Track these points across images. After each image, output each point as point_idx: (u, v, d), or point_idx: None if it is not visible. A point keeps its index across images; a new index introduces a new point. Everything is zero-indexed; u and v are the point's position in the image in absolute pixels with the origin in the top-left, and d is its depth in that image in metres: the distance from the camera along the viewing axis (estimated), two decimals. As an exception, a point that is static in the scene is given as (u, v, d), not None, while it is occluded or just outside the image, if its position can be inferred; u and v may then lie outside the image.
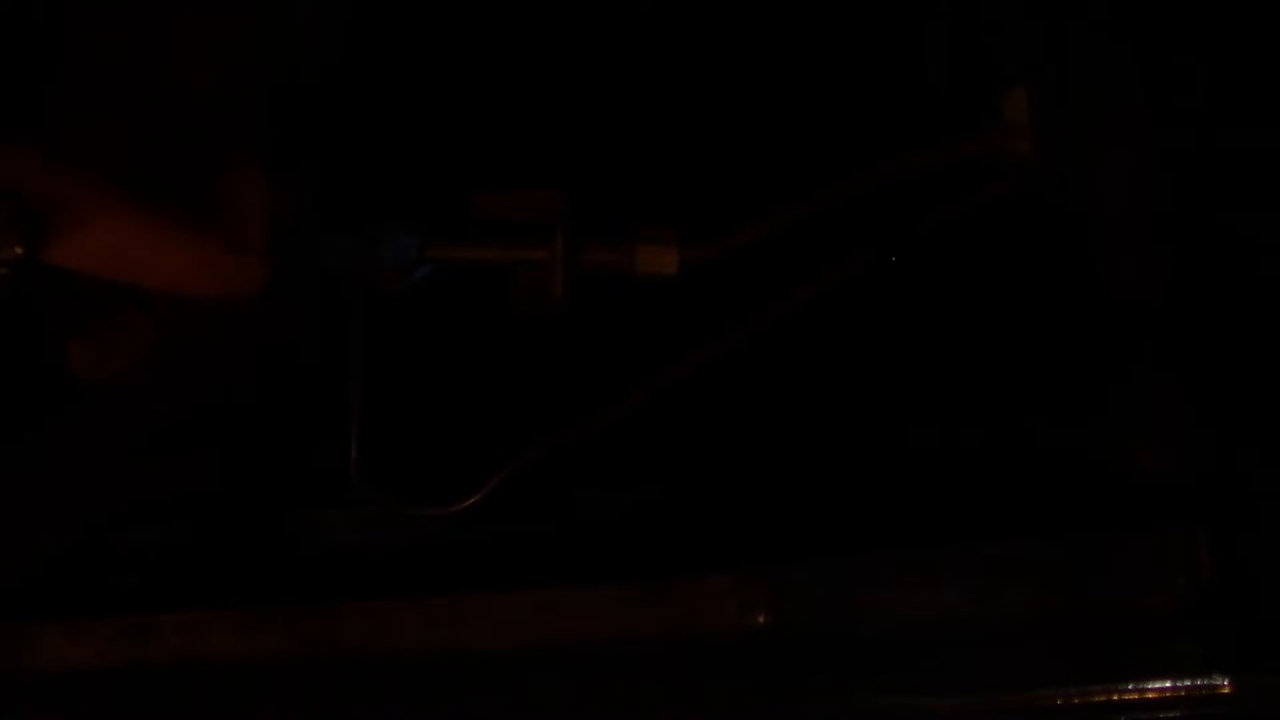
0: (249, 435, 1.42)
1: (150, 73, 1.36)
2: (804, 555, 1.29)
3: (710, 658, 1.28)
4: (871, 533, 1.32)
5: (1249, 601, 1.26)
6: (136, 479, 1.41)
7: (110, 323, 1.32)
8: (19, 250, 1.21)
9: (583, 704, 1.29)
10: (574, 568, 1.33)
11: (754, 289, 1.40)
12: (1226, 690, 1.24)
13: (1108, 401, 1.34)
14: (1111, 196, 1.37)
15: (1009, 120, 1.38)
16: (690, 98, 1.52)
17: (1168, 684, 1.24)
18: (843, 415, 1.46)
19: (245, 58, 1.36)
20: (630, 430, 1.39)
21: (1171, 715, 1.24)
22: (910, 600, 1.27)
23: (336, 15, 1.44)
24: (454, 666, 1.30)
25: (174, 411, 1.38)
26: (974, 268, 1.45)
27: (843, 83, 1.51)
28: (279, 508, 1.42)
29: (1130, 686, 1.24)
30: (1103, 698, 1.25)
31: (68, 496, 1.41)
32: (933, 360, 1.46)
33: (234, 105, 1.35)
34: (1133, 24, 1.38)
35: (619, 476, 1.42)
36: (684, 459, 1.45)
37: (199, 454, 1.42)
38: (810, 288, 1.39)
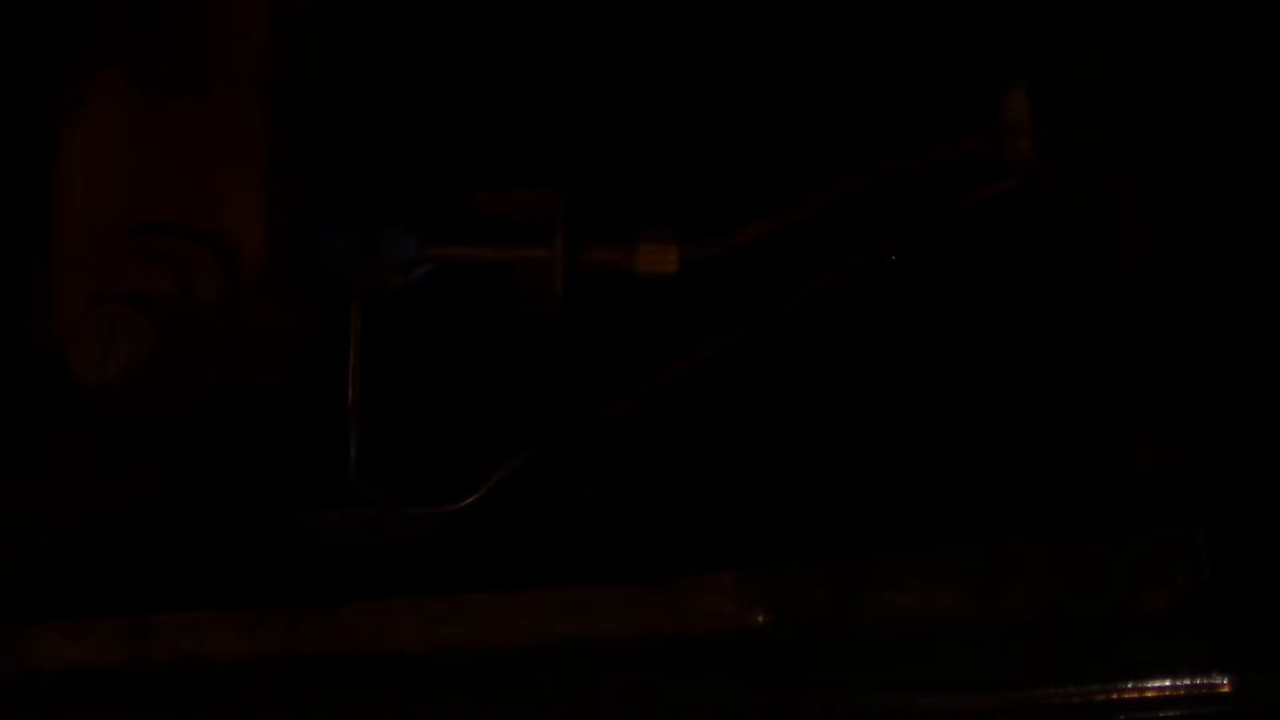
0: (249, 435, 1.42)
1: (151, 72, 1.36)
2: (804, 555, 1.29)
3: (710, 658, 1.28)
4: (871, 533, 1.32)
5: (1249, 601, 1.26)
6: (136, 479, 1.41)
7: (110, 323, 1.32)
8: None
9: (583, 704, 1.29)
10: (574, 568, 1.33)
11: (754, 288, 1.40)
12: (1226, 690, 1.24)
13: (1108, 401, 1.34)
14: (1111, 196, 1.37)
15: (1009, 120, 1.38)
16: (690, 97, 1.52)
17: (1167, 683, 1.24)
18: (841, 415, 1.46)
19: (247, 57, 1.36)
20: (630, 430, 1.39)
21: (1171, 715, 1.24)
22: (910, 600, 1.27)
23: (340, 16, 1.44)
24: (454, 666, 1.30)
25: (174, 411, 1.38)
26: (974, 268, 1.45)
27: (842, 82, 1.51)
28: (279, 508, 1.42)
29: (1130, 686, 1.24)
30: (1103, 697, 1.25)
31: (67, 496, 1.41)
32: (932, 360, 1.46)
33: (235, 104, 1.36)
34: (1132, 25, 1.38)
35: (619, 476, 1.42)
36: (684, 459, 1.45)
37: (198, 454, 1.42)
38: (810, 287, 1.39)
